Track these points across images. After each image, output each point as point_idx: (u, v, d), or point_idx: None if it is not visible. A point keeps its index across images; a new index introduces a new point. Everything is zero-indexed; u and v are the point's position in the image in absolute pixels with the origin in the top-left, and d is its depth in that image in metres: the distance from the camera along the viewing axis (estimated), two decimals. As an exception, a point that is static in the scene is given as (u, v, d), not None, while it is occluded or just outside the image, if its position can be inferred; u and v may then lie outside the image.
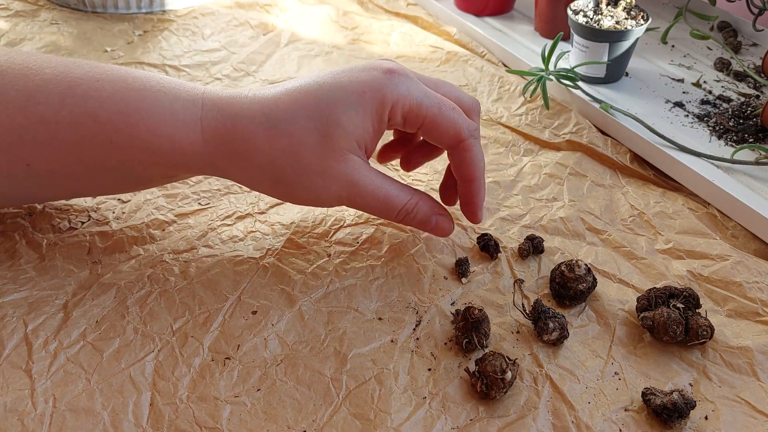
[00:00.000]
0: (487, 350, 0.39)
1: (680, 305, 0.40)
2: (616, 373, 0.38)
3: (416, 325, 0.40)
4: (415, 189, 0.42)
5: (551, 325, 0.39)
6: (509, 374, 0.36)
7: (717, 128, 0.56)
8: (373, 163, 0.50)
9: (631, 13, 0.59)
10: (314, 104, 0.38)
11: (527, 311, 0.40)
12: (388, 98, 0.38)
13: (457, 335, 0.39)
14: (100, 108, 0.38)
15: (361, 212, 0.48)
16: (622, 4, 0.59)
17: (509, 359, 0.36)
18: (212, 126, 0.39)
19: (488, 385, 0.35)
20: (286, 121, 0.38)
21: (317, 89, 0.38)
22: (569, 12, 0.59)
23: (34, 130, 0.38)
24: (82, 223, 0.46)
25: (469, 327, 0.38)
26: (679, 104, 0.59)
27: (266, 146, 0.38)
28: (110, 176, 0.41)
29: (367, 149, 0.40)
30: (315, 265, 0.44)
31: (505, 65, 0.67)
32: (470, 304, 0.39)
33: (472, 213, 0.43)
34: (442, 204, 0.45)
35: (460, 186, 0.42)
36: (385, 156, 0.48)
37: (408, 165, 0.48)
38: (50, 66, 0.39)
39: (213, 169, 0.40)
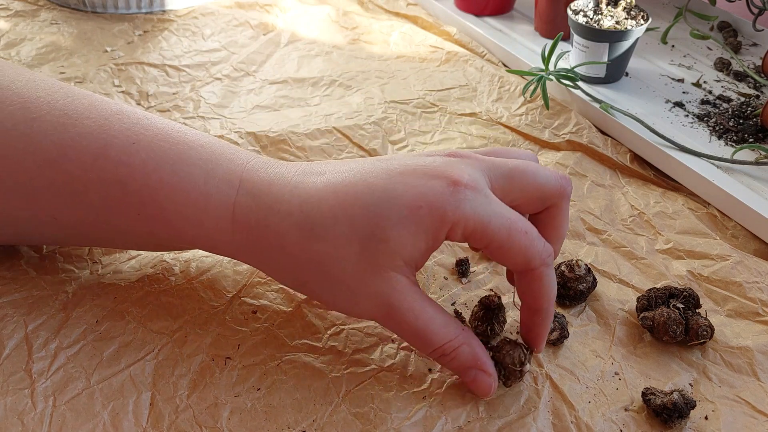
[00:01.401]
0: (499, 338, 0.39)
1: (680, 305, 0.40)
2: (616, 373, 0.38)
3: (416, 325, 0.40)
4: (462, 327, 0.35)
5: (551, 325, 0.39)
6: (527, 366, 0.36)
7: (717, 128, 0.56)
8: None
9: (631, 13, 0.59)
10: (362, 212, 0.33)
11: None
12: (448, 218, 0.32)
13: (476, 324, 0.39)
14: (131, 177, 0.36)
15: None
16: (622, 4, 0.59)
17: (526, 348, 0.37)
18: (244, 214, 0.35)
19: (506, 375, 0.36)
20: (324, 226, 0.33)
21: (367, 193, 0.33)
22: (569, 12, 0.59)
23: (62, 187, 0.36)
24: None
25: (490, 315, 0.39)
26: (679, 104, 0.59)
27: (296, 249, 0.34)
28: (137, 242, 0.39)
29: (416, 266, 0.34)
30: (315, 265, 0.44)
31: (505, 65, 0.67)
32: (489, 293, 0.40)
33: (533, 342, 0.37)
34: (487, 360, 0.36)
35: (524, 312, 0.36)
36: None
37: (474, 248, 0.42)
38: (89, 117, 0.37)
39: (240, 258, 0.38)
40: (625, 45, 0.58)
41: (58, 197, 0.37)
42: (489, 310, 0.39)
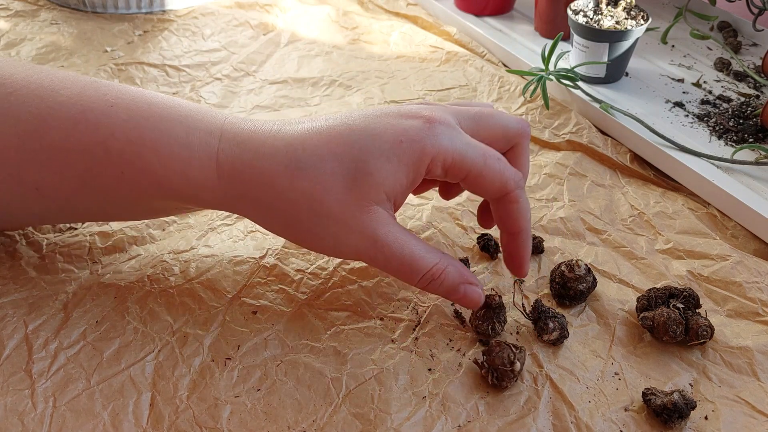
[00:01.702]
0: (499, 337, 0.39)
1: (680, 305, 0.40)
2: (616, 373, 0.38)
3: (416, 325, 0.40)
4: (443, 252, 0.37)
5: (551, 325, 0.39)
6: (518, 364, 0.36)
7: (717, 128, 0.56)
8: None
9: (631, 13, 0.59)
10: (345, 149, 0.35)
11: (527, 311, 0.40)
12: (428, 151, 0.35)
13: (477, 323, 0.39)
14: (112, 137, 0.36)
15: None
16: (622, 4, 0.59)
17: (515, 348, 0.37)
18: (229, 161, 0.36)
19: (499, 377, 0.36)
20: (312, 163, 0.35)
21: (348, 133, 0.35)
22: (569, 12, 0.59)
23: (44, 155, 0.37)
24: (82, 223, 0.46)
25: (492, 314, 0.39)
26: (679, 104, 0.59)
27: (286, 187, 0.35)
28: (121, 205, 0.39)
29: (396, 202, 0.36)
30: (315, 265, 0.44)
31: (505, 65, 0.67)
32: (490, 292, 0.40)
33: (518, 266, 0.39)
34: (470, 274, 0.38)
35: (505, 237, 0.39)
36: (421, 187, 0.44)
37: (447, 194, 0.44)
38: (65, 87, 0.37)
39: (226, 206, 0.38)
40: (625, 45, 0.58)
41: (41, 167, 0.37)
42: (490, 309, 0.39)
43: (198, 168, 0.36)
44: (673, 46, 0.68)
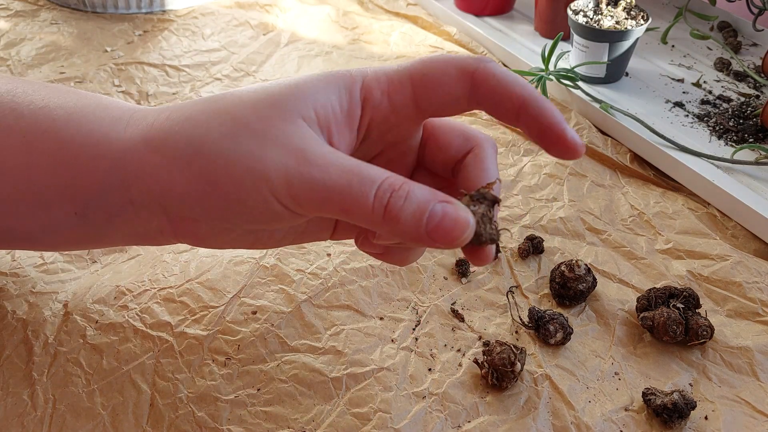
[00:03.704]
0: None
1: (680, 305, 0.40)
2: (616, 373, 0.38)
3: (416, 325, 0.40)
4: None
5: (552, 328, 0.39)
6: (518, 365, 0.36)
7: (717, 128, 0.56)
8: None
9: (631, 13, 0.59)
10: (273, 83, 0.30)
11: (525, 321, 0.40)
12: (356, 75, 0.30)
13: (482, 232, 0.27)
14: (28, 106, 0.33)
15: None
16: (622, 4, 0.59)
17: (515, 348, 0.37)
18: (142, 113, 0.32)
19: (499, 377, 0.36)
20: (232, 91, 0.30)
21: (274, 83, 0.30)
22: (569, 12, 0.59)
23: None
24: None
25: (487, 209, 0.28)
26: (679, 104, 0.59)
27: (195, 111, 0.29)
28: (16, 199, 0.33)
29: (330, 133, 0.29)
30: (315, 265, 0.44)
31: (505, 65, 0.67)
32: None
33: (559, 137, 0.28)
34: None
35: (514, 123, 0.29)
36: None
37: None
38: None
39: (129, 168, 0.31)
40: (625, 45, 0.58)
41: None
42: (485, 201, 0.28)
43: (108, 125, 0.31)
44: (673, 46, 0.68)
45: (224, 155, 0.28)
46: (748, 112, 0.57)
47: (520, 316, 0.41)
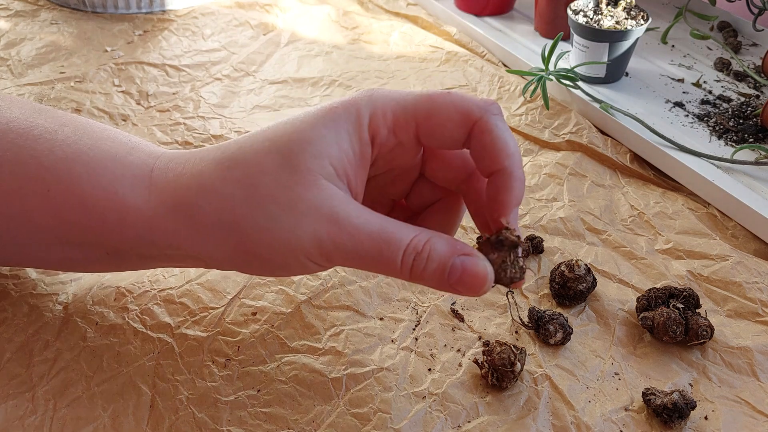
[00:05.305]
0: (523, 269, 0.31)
1: (680, 305, 0.40)
2: (616, 373, 0.38)
3: (416, 325, 0.40)
4: (422, 228, 0.30)
5: (552, 328, 0.39)
6: (518, 365, 0.36)
7: (717, 128, 0.56)
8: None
9: (631, 13, 0.59)
10: (279, 131, 0.31)
11: (525, 321, 0.40)
12: (363, 109, 0.31)
13: (501, 272, 0.30)
14: (51, 153, 0.34)
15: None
16: (622, 4, 0.59)
17: (515, 348, 0.37)
18: (162, 174, 0.33)
19: (499, 377, 0.36)
20: (245, 154, 0.31)
21: (283, 122, 0.31)
22: (569, 12, 0.59)
23: None
24: None
25: (510, 253, 0.30)
26: (679, 104, 0.59)
27: (217, 181, 0.31)
28: (35, 241, 0.35)
29: (349, 180, 0.31)
30: (315, 266, 0.44)
31: (505, 65, 0.67)
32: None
33: (501, 206, 0.30)
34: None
35: (488, 185, 0.31)
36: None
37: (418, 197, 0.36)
38: (17, 106, 0.35)
39: (157, 231, 0.33)
40: (625, 45, 0.58)
41: None
42: (503, 247, 0.30)
43: (129, 185, 0.33)
44: (673, 46, 0.68)
45: (259, 231, 0.30)
46: (748, 112, 0.57)
47: (520, 316, 0.41)
